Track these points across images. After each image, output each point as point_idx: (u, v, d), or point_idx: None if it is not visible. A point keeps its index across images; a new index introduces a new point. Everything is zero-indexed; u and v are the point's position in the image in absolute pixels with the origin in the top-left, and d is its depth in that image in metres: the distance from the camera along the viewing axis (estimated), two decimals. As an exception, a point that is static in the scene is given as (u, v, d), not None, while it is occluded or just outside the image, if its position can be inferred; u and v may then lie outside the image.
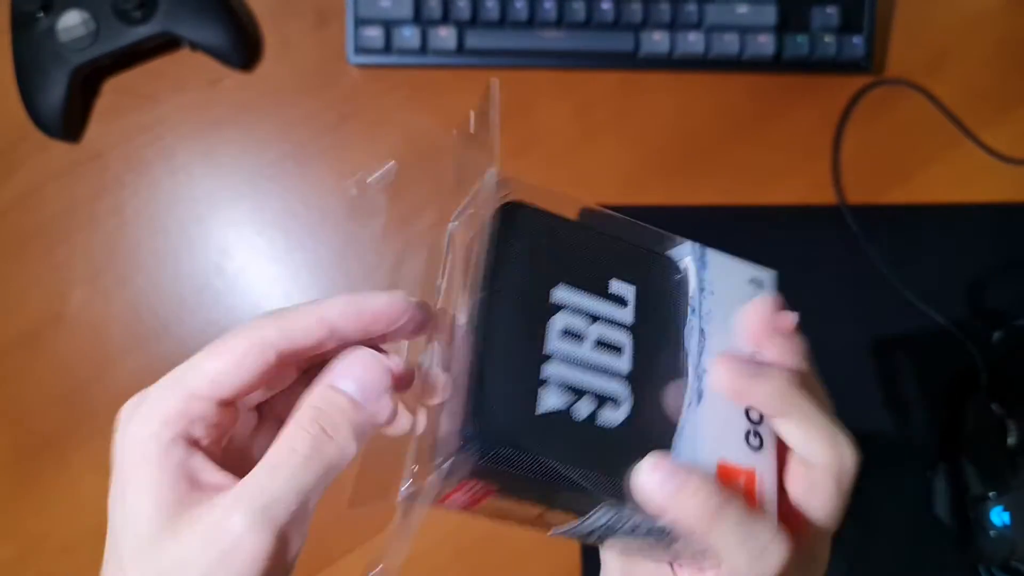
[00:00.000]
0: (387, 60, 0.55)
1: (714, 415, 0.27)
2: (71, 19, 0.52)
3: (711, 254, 0.30)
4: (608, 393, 0.26)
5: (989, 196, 0.57)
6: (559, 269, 0.27)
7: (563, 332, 0.26)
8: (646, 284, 0.29)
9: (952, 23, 0.58)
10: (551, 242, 0.28)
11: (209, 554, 0.22)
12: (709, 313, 0.29)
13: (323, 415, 0.24)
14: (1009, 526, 0.50)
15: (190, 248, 0.55)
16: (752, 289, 0.30)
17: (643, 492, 0.25)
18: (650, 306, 0.28)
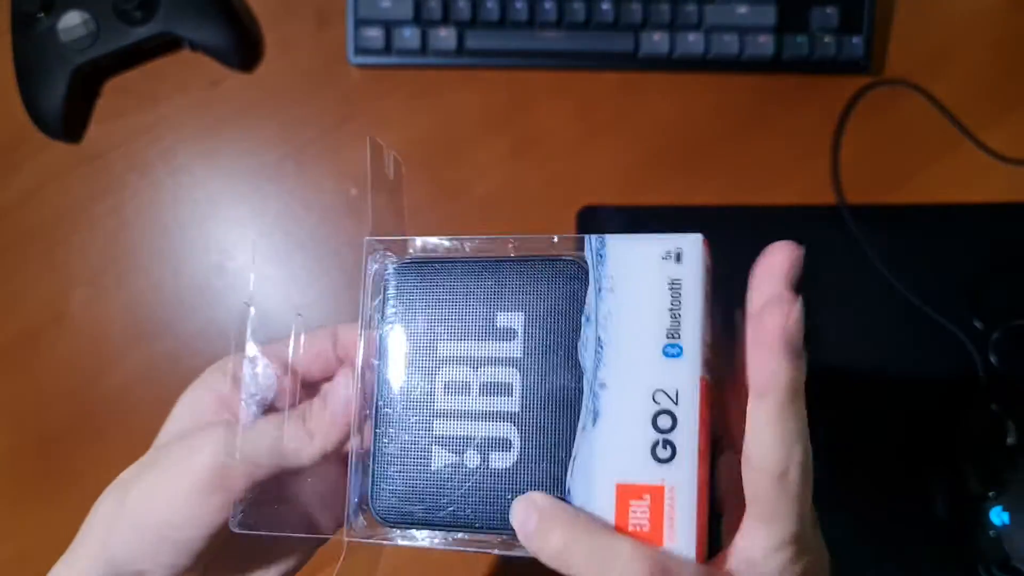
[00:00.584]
0: (387, 61, 0.55)
1: (611, 434, 0.25)
2: (72, 19, 0.52)
3: (611, 243, 0.26)
4: (498, 437, 0.26)
5: (988, 196, 0.57)
6: (442, 323, 0.27)
7: (448, 386, 0.27)
8: (536, 305, 0.27)
9: (952, 23, 0.58)
10: (434, 295, 0.28)
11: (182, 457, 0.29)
12: (608, 316, 0.26)
13: (312, 419, 0.29)
14: (1008, 526, 0.50)
15: (191, 248, 0.55)
16: (669, 266, 0.25)
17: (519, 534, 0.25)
18: (540, 329, 0.27)
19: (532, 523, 0.25)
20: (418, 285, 0.28)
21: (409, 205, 0.56)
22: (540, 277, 0.27)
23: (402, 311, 0.28)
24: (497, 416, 0.26)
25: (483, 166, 0.56)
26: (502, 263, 0.27)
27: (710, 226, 0.59)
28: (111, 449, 0.54)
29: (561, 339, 0.26)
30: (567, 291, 0.27)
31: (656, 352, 0.25)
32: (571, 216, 0.55)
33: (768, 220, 0.56)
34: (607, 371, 0.25)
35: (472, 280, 0.27)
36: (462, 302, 0.27)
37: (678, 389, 0.25)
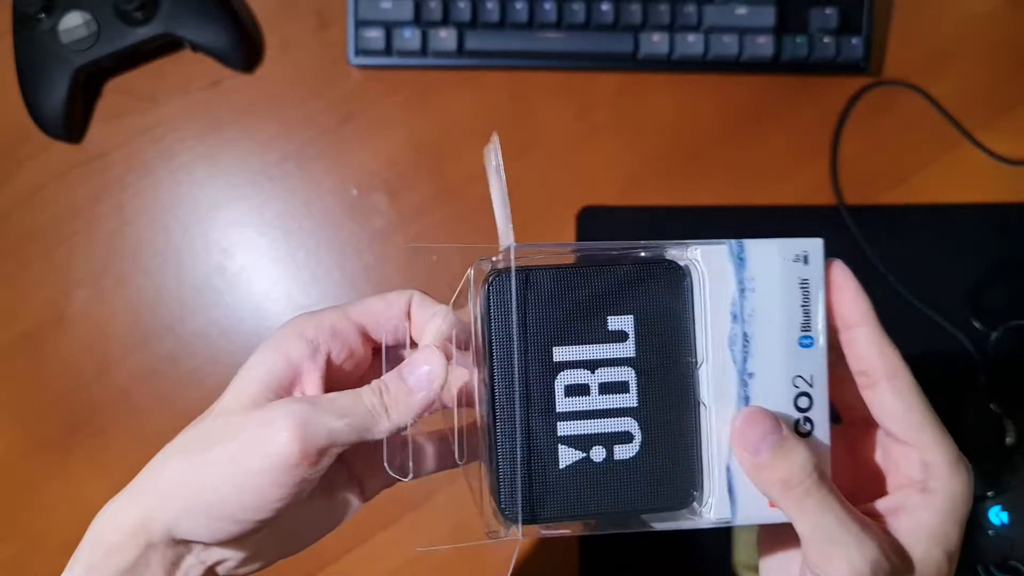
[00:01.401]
0: (388, 61, 0.56)
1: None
2: (73, 20, 0.52)
3: (750, 247, 0.29)
4: (620, 431, 0.29)
5: (987, 197, 0.57)
6: (553, 328, 0.29)
7: (568, 390, 0.29)
8: (644, 306, 0.29)
9: (951, 24, 0.59)
10: (542, 302, 0.29)
11: (258, 438, 0.27)
12: (752, 314, 0.29)
13: (389, 393, 0.29)
14: (1007, 525, 0.50)
15: (191, 248, 0.55)
16: (799, 267, 0.29)
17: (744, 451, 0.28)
18: (651, 328, 0.29)
19: (768, 446, 0.27)
20: (529, 292, 0.29)
21: (410, 205, 0.56)
22: (649, 274, 0.29)
23: (511, 320, 0.29)
24: (619, 411, 0.29)
25: (483, 166, 0.56)
26: (607, 269, 0.29)
27: (710, 226, 0.59)
28: (111, 449, 0.54)
29: (670, 336, 0.29)
30: (671, 291, 0.29)
31: (794, 344, 0.29)
32: (571, 216, 0.56)
33: (768, 220, 0.56)
34: (754, 362, 0.29)
35: (583, 280, 0.29)
36: (574, 305, 0.29)
37: (812, 374, 0.29)
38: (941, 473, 0.27)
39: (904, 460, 0.28)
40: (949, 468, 0.27)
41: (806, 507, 0.27)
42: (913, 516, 0.28)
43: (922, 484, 0.28)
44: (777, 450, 0.27)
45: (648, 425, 0.29)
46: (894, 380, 0.28)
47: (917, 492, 0.28)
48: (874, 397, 0.28)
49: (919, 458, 0.28)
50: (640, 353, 0.29)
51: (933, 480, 0.27)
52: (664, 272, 0.29)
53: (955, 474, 0.27)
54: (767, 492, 0.28)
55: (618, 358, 0.29)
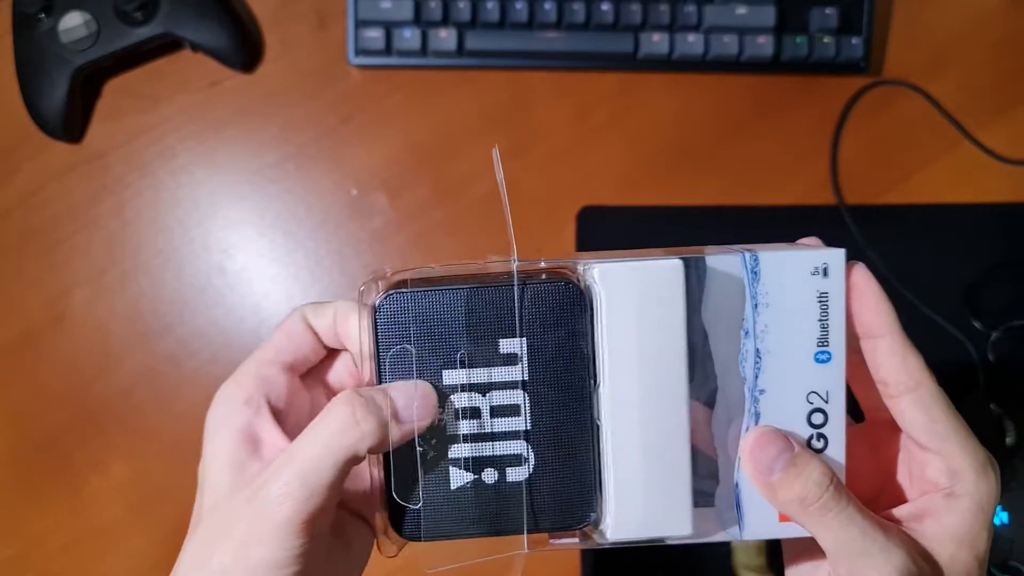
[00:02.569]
0: (387, 61, 0.56)
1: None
2: (72, 20, 0.52)
3: (765, 259, 0.28)
4: (512, 454, 0.28)
5: (987, 196, 0.57)
6: (444, 351, 0.28)
7: (459, 413, 0.28)
8: (538, 328, 0.28)
9: (950, 24, 0.59)
10: (432, 324, 0.28)
11: (253, 516, 0.26)
12: (766, 330, 0.28)
13: (360, 402, 0.27)
14: (1007, 525, 0.50)
15: (191, 248, 0.55)
16: (818, 280, 0.28)
17: (755, 467, 0.27)
18: (544, 350, 0.28)
19: (781, 465, 0.27)
20: (419, 315, 0.28)
21: (410, 205, 0.56)
22: (541, 301, 0.28)
23: (399, 341, 0.28)
24: (510, 434, 0.28)
25: (483, 166, 0.56)
26: (500, 289, 0.28)
27: (710, 226, 0.59)
28: (111, 449, 0.54)
29: (565, 358, 0.28)
30: (567, 313, 0.28)
31: (809, 359, 0.28)
32: (571, 216, 0.55)
33: (768, 220, 0.56)
34: (766, 378, 0.28)
35: (478, 301, 0.28)
36: (465, 328, 0.28)
37: (828, 390, 0.28)
38: (968, 478, 0.27)
39: (929, 466, 0.28)
40: (976, 473, 0.27)
41: (827, 522, 0.26)
42: (939, 520, 0.27)
43: (948, 489, 0.27)
44: (791, 468, 0.27)
45: (541, 447, 0.28)
46: (917, 391, 0.27)
47: (943, 497, 0.27)
48: (897, 407, 0.28)
49: (945, 465, 0.27)
50: (533, 376, 0.28)
51: (959, 485, 0.27)
52: (559, 293, 0.28)
53: (982, 478, 0.27)
54: (786, 511, 0.27)
55: (509, 381, 0.28)
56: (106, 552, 0.53)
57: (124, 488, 0.53)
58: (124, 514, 0.53)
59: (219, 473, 0.28)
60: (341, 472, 0.26)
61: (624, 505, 0.28)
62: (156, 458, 0.54)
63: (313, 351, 0.31)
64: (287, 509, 0.26)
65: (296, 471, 0.26)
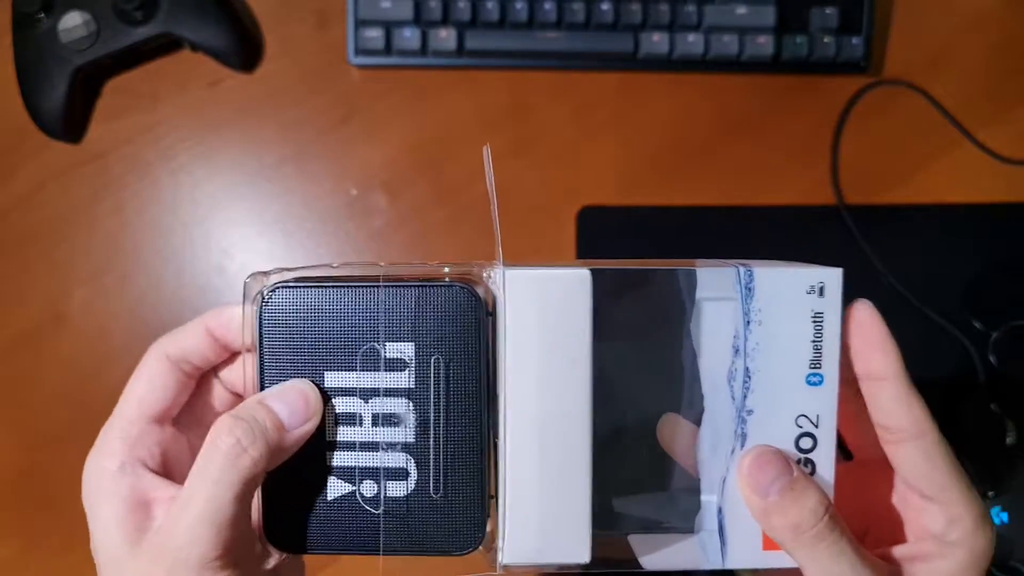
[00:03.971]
0: (387, 61, 0.56)
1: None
2: (72, 20, 0.52)
3: (760, 276, 0.27)
4: (393, 467, 0.27)
5: (988, 196, 0.57)
6: (327, 351, 0.27)
7: (339, 418, 0.27)
8: (430, 334, 0.26)
9: (951, 24, 0.58)
10: (316, 322, 0.27)
11: (166, 568, 0.25)
12: (756, 348, 0.27)
13: (241, 425, 0.26)
14: (1007, 525, 0.50)
15: (191, 248, 0.55)
16: (813, 299, 0.27)
17: (751, 488, 0.26)
18: (436, 358, 0.27)
19: (778, 488, 0.26)
20: (303, 313, 0.27)
21: (409, 205, 0.56)
22: (435, 305, 0.27)
23: (282, 337, 0.27)
24: (393, 445, 0.27)
25: (482, 166, 0.56)
26: (391, 290, 0.27)
27: (710, 226, 0.59)
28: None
29: (459, 368, 0.27)
30: (463, 319, 0.27)
31: (800, 381, 0.27)
32: (571, 216, 0.55)
33: (767, 220, 0.56)
34: (754, 398, 0.27)
35: (368, 301, 0.27)
36: (350, 329, 0.27)
37: (819, 414, 0.27)
38: (965, 527, 0.26)
39: (926, 513, 0.27)
40: (974, 524, 0.26)
41: (818, 554, 0.25)
42: (931, 566, 0.27)
43: (943, 536, 0.26)
44: (788, 492, 0.26)
45: (425, 462, 0.27)
46: (921, 439, 0.26)
47: (937, 543, 0.27)
48: (897, 453, 0.27)
49: (943, 513, 0.26)
50: (420, 385, 0.26)
51: (956, 534, 0.26)
52: (458, 298, 0.26)
53: (979, 531, 0.26)
54: (776, 537, 0.26)
55: (395, 388, 0.27)
56: (106, 552, 0.53)
57: (124, 488, 0.53)
58: (124, 514, 0.53)
59: (114, 544, 0.27)
60: (243, 501, 0.25)
61: (518, 528, 0.26)
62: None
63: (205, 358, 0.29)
64: (199, 551, 0.25)
65: (196, 514, 0.25)
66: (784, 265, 0.27)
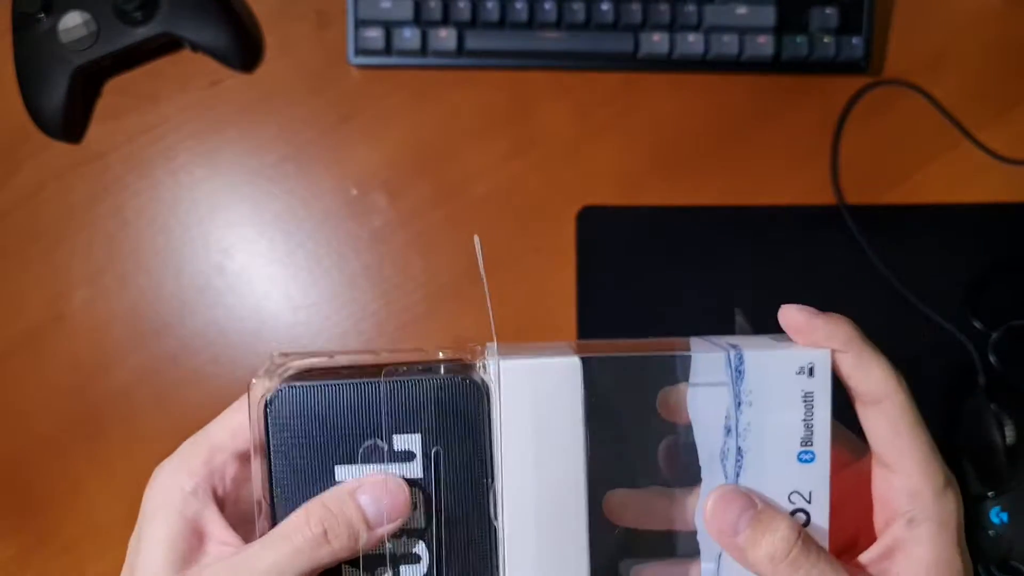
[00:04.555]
0: (387, 61, 0.56)
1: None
2: (72, 20, 0.52)
3: (749, 359, 0.28)
4: (407, 553, 0.27)
5: (987, 196, 0.57)
6: (336, 447, 0.27)
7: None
8: (435, 424, 0.27)
9: (950, 24, 0.59)
10: (324, 419, 0.27)
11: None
12: (747, 428, 0.27)
13: (331, 518, 0.26)
14: (1007, 525, 0.50)
15: (191, 248, 0.55)
16: (803, 380, 0.28)
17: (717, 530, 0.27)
18: (441, 447, 0.28)
19: (745, 523, 0.26)
20: (308, 410, 0.27)
21: (409, 205, 0.56)
22: (439, 396, 0.27)
23: (290, 436, 0.27)
24: (407, 532, 0.27)
25: (483, 166, 0.56)
26: (396, 383, 0.27)
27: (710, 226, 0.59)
28: (111, 449, 0.54)
29: (463, 455, 0.28)
30: (466, 409, 0.27)
31: (791, 459, 0.27)
32: (571, 216, 0.55)
33: (767, 220, 0.56)
34: (746, 476, 0.27)
35: (370, 394, 0.27)
36: (356, 422, 0.27)
37: (811, 490, 0.27)
38: (926, 499, 0.26)
39: (892, 489, 0.27)
40: (933, 494, 0.26)
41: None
42: (908, 554, 0.26)
43: (910, 514, 0.26)
44: (756, 525, 0.26)
45: (437, 547, 0.28)
46: (884, 402, 0.27)
47: (905, 525, 0.27)
48: (865, 420, 0.28)
49: (904, 486, 0.27)
50: (428, 474, 0.27)
51: (919, 509, 0.26)
52: (459, 389, 0.27)
53: (940, 498, 0.26)
54: (757, 571, 0.26)
55: (405, 479, 0.27)
56: (106, 552, 0.53)
57: (124, 488, 0.53)
58: (124, 514, 0.53)
59: (157, 563, 0.27)
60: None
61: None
62: (156, 458, 0.54)
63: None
64: None
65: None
66: (775, 346, 0.28)
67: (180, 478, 0.28)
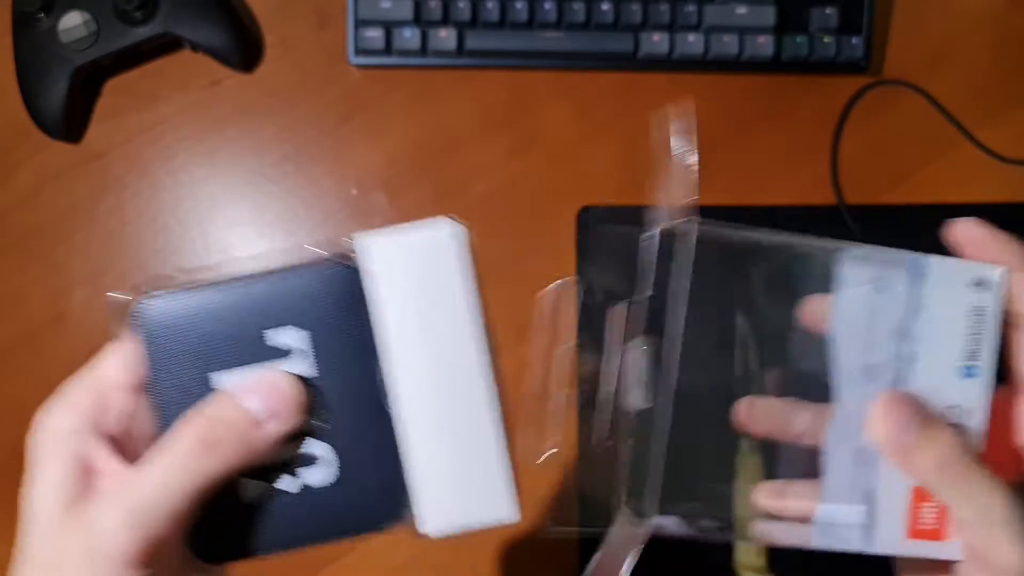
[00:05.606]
0: (387, 61, 0.56)
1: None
2: (72, 20, 0.52)
3: (933, 263, 0.28)
4: (307, 455, 0.26)
5: (987, 196, 0.57)
6: (210, 354, 0.26)
7: None
8: (310, 315, 0.26)
9: (951, 23, 0.59)
10: (192, 328, 0.26)
11: (84, 549, 0.24)
12: (916, 336, 0.28)
13: (213, 425, 0.25)
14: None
15: (191, 248, 0.55)
16: (977, 293, 0.28)
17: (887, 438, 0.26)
18: (322, 338, 0.26)
19: (916, 426, 0.26)
20: (177, 318, 0.26)
21: (410, 205, 0.56)
22: (310, 286, 0.26)
23: (162, 349, 0.26)
24: (304, 433, 0.26)
25: (483, 166, 0.56)
26: (261, 279, 0.26)
27: (709, 226, 0.59)
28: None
29: (346, 343, 0.26)
30: (340, 296, 0.26)
31: (954, 370, 0.28)
32: (571, 216, 0.56)
33: (767, 220, 0.56)
34: (911, 385, 0.27)
35: (234, 303, 0.26)
36: (228, 328, 0.26)
37: (971, 406, 0.28)
38: None
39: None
40: None
41: (969, 488, 0.25)
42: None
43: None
44: (927, 430, 0.26)
45: (337, 444, 0.26)
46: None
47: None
48: (1019, 344, 0.27)
49: None
50: (315, 368, 0.26)
51: None
52: (333, 277, 0.26)
53: None
54: (922, 478, 0.26)
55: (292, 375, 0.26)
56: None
57: (124, 488, 0.53)
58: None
59: (48, 505, 0.26)
60: (189, 501, 0.24)
61: (434, 496, 0.26)
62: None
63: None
64: (121, 542, 0.23)
65: (132, 501, 0.24)
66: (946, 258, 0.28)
67: (63, 418, 0.27)
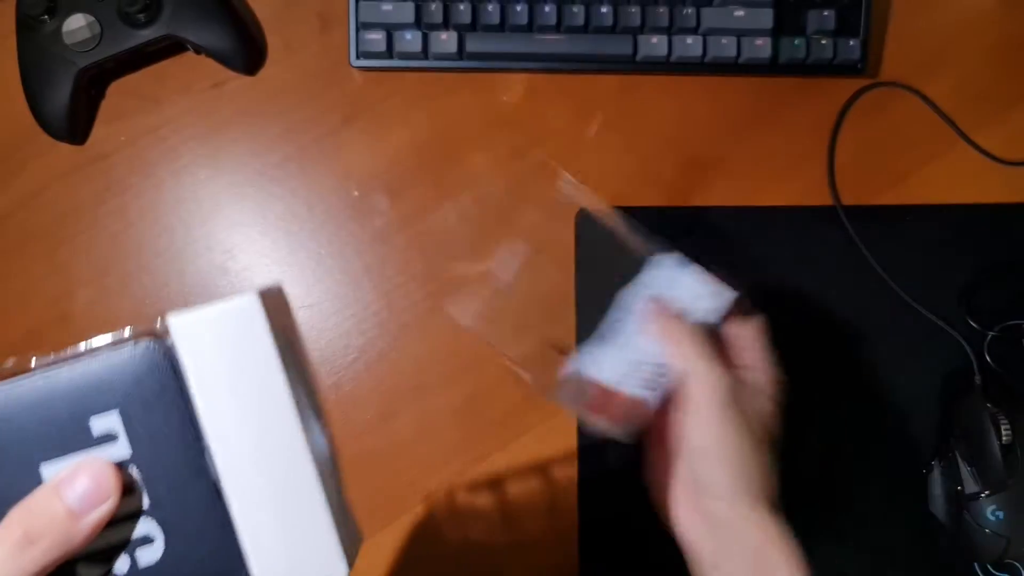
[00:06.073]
0: (389, 64, 0.56)
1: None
2: (76, 22, 0.52)
3: (685, 272, 0.35)
4: (139, 536, 0.26)
5: (984, 197, 0.57)
6: (36, 445, 0.26)
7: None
8: (128, 396, 0.26)
9: (947, 26, 0.59)
10: (16, 419, 0.26)
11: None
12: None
13: (30, 518, 0.25)
14: (1003, 523, 0.50)
15: (194, 249, 0.56)
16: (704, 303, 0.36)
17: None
18: (141, 418, 0.26)
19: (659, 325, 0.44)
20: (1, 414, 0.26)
21: (410, 206, 0.57)
22: (125, 367, 0.26)
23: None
24: (131, 515, 0.26)
25: (483, 167, 0.56)
26: (78, 365, 0.26)
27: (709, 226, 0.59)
28: None
29: (166, 421, 0.26)
30: (152, 375, 0.26)
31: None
32: (571, 216, 0.56)
33: (764, 221, 0.57)
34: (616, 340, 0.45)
35: (56, 392, 0.26)
36: (50, 418, 0.26)
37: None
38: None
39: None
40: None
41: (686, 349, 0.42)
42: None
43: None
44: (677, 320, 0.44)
45: (167, 523, 0.26)
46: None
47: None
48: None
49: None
50: (136, 449, 0.26)
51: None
52: (144, 356, 0.26)
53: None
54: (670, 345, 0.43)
55: (115, 461, 0.26)
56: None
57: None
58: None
59: None
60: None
61: (264, 561, 0.26)
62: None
63: None
64: None
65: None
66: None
67: None
